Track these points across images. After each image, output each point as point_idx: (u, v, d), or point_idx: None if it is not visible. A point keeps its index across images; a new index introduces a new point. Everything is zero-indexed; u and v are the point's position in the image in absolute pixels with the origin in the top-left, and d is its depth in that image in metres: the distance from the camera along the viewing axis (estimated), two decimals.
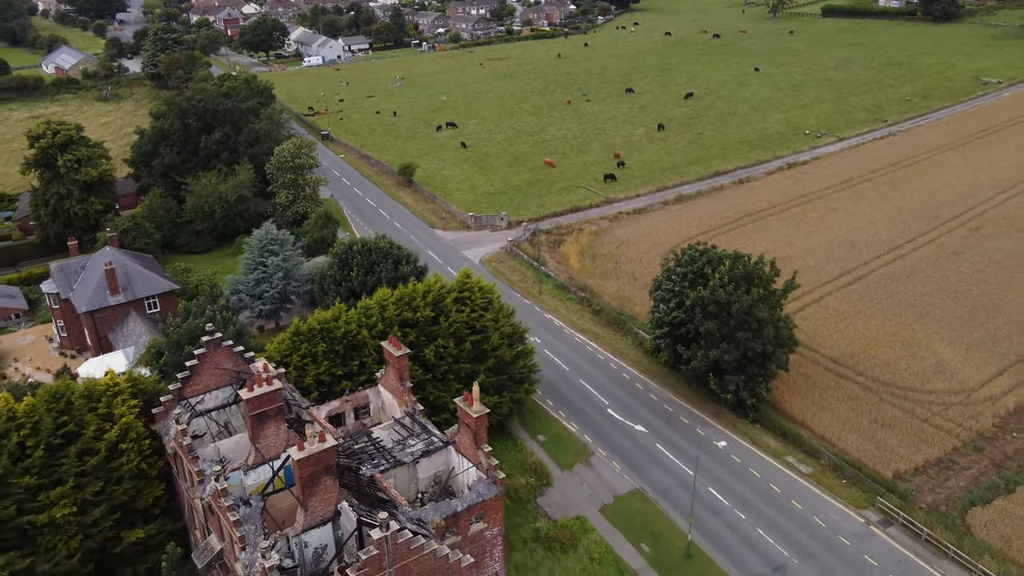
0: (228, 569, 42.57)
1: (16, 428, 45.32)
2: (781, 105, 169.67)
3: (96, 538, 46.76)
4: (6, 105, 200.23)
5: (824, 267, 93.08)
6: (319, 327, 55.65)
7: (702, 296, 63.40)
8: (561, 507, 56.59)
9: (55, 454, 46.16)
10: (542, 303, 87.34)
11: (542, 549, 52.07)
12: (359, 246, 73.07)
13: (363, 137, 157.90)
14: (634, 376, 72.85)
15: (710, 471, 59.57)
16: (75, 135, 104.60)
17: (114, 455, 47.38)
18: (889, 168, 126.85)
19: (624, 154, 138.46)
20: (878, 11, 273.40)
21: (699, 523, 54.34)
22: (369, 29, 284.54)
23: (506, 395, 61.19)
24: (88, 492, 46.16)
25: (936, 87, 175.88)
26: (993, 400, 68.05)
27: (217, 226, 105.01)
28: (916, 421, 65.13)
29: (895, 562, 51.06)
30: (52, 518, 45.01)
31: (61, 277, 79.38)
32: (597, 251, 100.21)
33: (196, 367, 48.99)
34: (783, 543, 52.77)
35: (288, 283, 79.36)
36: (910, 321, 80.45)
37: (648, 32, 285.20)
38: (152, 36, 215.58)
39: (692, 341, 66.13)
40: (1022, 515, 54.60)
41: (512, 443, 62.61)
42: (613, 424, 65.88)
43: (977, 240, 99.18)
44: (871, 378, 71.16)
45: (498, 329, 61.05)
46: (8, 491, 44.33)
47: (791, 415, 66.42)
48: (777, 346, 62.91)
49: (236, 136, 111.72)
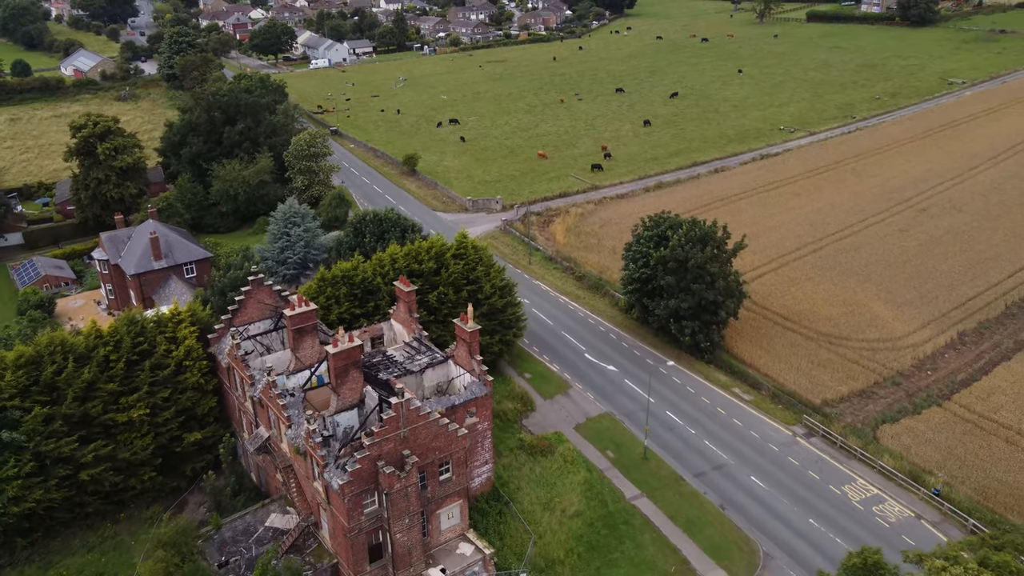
0: (273, 452, 53.91)
1: (103, 344, 56.75)
2: (760, 104, 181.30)
3: (164, 436, 58.08)
4: (30, 105, 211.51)
5: (783, 242, 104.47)
6: (341, 275, 67.07)
7: (663, 255, 74.84)
8: (542, 426, 67.84)
9: (133, 367, 57.58)
10: (531, 272, 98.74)
11: (525, 455, 63.29)
12: (371, 216, 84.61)
13: (369, 132, 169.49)
14: (609, 328, 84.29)
15: (668, 399, 70.97)
16: (112, 126, 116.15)
17: (179, 370, 58.76)
18: (852, 159, 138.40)
19: (611, 147, 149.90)
20: (860, 16, 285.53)
21: (655, 437, 65.65)
22: (373, 33, 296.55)
23: (497, 336, 72.50)
24: (159, 398, 57.50)
25: (905, 87, 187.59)
26: (914, 347, 79.45)
27: (240, 208, 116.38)
28: (846, 363, 76.53)
29: (813, 462, 62.45)
30: (130, 418, 56.36)
31: (111, 246, 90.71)
32: (582, 229, 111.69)
33: (243, 301, 60.45)
34: (723, 449, 64.13)
35: (308, 251, 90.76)
36: (853, 286, 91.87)
37: (640, 36, 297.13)
38: (168, 39, 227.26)
39: (656, 295, 77.51)
40: (922, 430, 66.03)
41: (502, 379, 73.79)
42: (589, 365, 77.25)
43: (922, 220, 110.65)
44: (812, 330, 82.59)
45: (490, 281, 72.43)
46: (96, 394, 55.71)
47: (740, 357, 77.84)
48: (727, 296, 74.32)
49: (256, 128, 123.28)
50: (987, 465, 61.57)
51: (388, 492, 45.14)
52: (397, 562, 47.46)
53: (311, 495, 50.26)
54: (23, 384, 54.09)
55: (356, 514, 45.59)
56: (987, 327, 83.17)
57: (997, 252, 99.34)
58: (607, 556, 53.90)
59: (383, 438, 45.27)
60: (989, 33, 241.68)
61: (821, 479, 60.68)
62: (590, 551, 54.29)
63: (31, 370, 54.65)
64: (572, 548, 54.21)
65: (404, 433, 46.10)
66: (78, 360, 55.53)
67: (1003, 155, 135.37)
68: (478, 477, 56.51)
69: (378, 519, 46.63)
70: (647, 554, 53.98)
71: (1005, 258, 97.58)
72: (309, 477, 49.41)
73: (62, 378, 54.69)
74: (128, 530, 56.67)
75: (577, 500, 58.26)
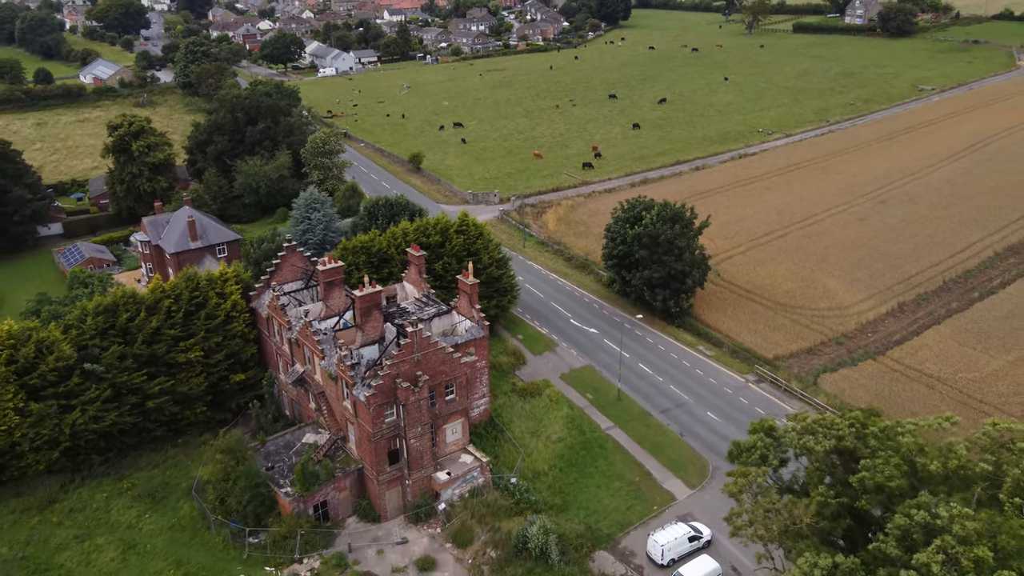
0: (308, 383, 65.23)
1: (166, 297, 68.18)
2: (742, 109, 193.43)
3: (214, 376, 69.43)
4: (54, 110, 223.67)
5: (753, 229, 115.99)
6: (360, 245, 78.59)
7: (638, 232, 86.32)
8: (532, 375, 79.07)
9: (190, 317, 68.96)
10: (525, 254, 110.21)
11: (517, 396, 74.57)
12: (383, 201, 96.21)
13: (376, 135, 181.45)
14: (592, 300, 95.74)
15: (641, 354, 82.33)
16: (145, 125, 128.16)
17: (227, 321, 70.14)
18: (823, 158, 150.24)
19: (601, 148, 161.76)
20: (843, 27, 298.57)
21: (628, 383, 76.92)
22: (378, 43, 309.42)
23: (494, 302, 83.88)
24: (211, 343, 68.87)
25: (879, 93, 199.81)
26: (859, 314, 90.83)
27: (261, 200, 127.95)
28: (799, 327, 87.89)
29: (760, 401, 73.81)
30: (187, 358, 67.73)
31: (151, 228, 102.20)
32: (572, 219, 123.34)
33: (279, 264, 71.95)
34: (685, 392, 75.46)
35: (327, 233, 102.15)
36: (811, 265, 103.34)
37: (634, 46, 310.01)
38: (184, 49, 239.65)
39: (632, 267, 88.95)
40: (856, 377, 77.35)
41: (498, 339, 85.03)
42: (574, 328, 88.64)
43: (879, 210, 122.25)
44: (772, 300, 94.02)
45: (488, 253, 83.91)
46: (160, 338, 67.05)
47: (706, 322, 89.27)
48: (693, 267, 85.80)
49: (275, 127, 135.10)
50: (907, 404, 72.70)
51: (405, 404, 56.46)
52: (411, 464, 58.72)
53: (340, 414, 61.55)
54: (102, 327, 65.52)
55: (379, 422, 56.88)
56: (925, 298, 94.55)
57: (942, 237, 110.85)
58: (583, 470, 65.13)
59: (401, 360, 56.63)
60: (963, 44, 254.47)
61: (765, 414, 71.90)
62: (569, 466, 65.54)
63: (108, 316, 66.09)
64: (554, 464, 65.50)
65: (417, 356, 57.45)
66: (147, 310, 66.96)
67: (960, 154, 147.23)
68: (477, 408, 67.81)
69: (396, 428, 57.91)
70: (616, 468, 65.23)
71: (948, 242, 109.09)
72: (339, 398, 60.72)
73: (135, 324, 66.10)
74: (184, 453, 67.88)
75: (560, 430, 69.57)
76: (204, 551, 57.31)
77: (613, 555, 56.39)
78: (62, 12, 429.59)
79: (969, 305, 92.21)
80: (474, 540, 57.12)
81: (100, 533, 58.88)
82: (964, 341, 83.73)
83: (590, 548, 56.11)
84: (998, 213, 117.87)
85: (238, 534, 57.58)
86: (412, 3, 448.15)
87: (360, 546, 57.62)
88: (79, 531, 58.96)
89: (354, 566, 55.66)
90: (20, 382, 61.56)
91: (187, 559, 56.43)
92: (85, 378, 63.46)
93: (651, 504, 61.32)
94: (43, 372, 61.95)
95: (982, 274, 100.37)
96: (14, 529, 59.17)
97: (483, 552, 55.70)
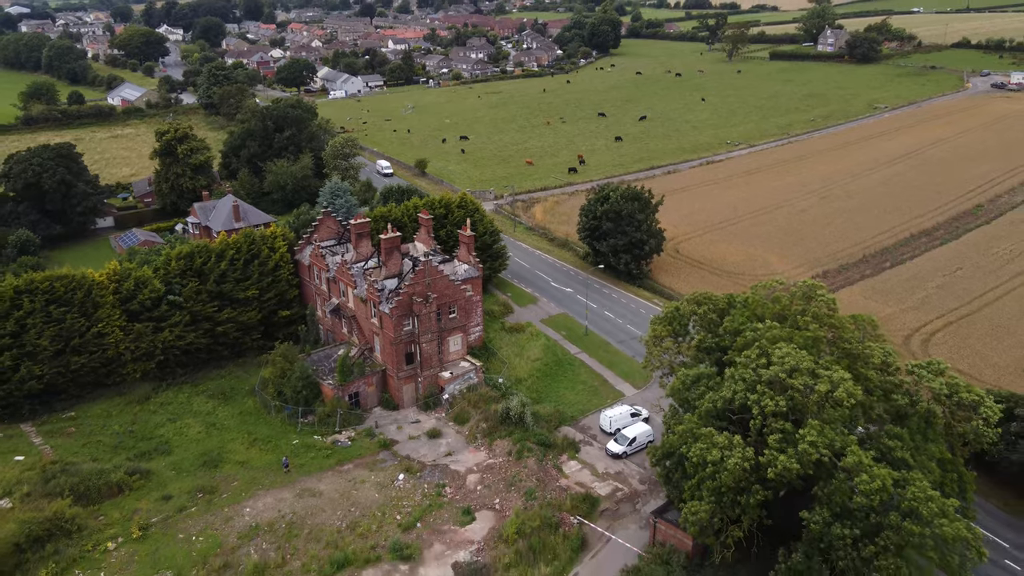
0: (342, 311, 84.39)
1: (230, 248, 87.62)
2: (715, 125, 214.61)
3: (266, 310, 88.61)
4: (88, 128, 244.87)
5: (710, 219, 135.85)
6: (380, 215, 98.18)
7: (606, 208, 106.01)
8: (517, 319, 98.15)
9: (248, 263, 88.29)
10: (516, 237, 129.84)
11: (505, 332, 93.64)
12: (396, 188, 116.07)
13: (385, 147, 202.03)
14: (570, 268, 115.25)
15: (607, 305, 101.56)
16: (188, 132, 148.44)
17: (277, 268, 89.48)
18: (779, 163, 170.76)
19: (586, 156, 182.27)
20: (815, 55, 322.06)
21: (594, 323, 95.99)
22: (384, 69, 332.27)
23: (486, 264, 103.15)
24: (264, 283, 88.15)
25: (838, 111, 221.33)
26: (789, 278, 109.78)
27: (287, 196, 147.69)
28: (737, 286, 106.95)
29: None
30: (246, 295, 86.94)
31: (201, 212, 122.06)
32: (557, 211, 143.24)
33: (318, 225, 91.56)
34: (639, 329, 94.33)
35: (348, 218, 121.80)
36: (755, 245, 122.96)
37: (622, 72, 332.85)
38: (206, 72, 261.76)
39: (601, 238, 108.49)
40: None
41: (490, 296, 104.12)
42: (554, 288, 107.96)
43: (820, 204, 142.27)
44: (719, 269, 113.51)
45: (483, 225, 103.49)
46: (227, 279, 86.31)
47: (663, 284, 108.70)
48: (650, 236, 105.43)
49: (299, 134, 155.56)
50: None
51: (419, 315, 75.59)
52: (423, 364, 77.69)
53: (368, 330, 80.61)
54: (183, 269, 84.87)
55: (399, 329, 75.96)
56: (846, 268, 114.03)
57: (869, 223, 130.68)
58: (555, 378, 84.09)
59: (415, 282, 75.91)
60: (921, 68, 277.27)
61: None
62: (544, 376, 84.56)
63: (187, 261, 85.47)
64: (532, 374, 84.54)
65: (428, 281, 76.72)
66: (216, 256, 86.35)
67: (898, 160, 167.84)
68: (473, 332, 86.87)
69: (411, 335, 76.97)
70: (581, 377, 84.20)
71: (873, 226, 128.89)
72: (367, 317, 79.85)
73: (207, 267, 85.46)
74: (243, 369, 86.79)
75: (538, 353, 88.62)
76: (267, 427, 76.12)
77: (575, 428, 75.15)
78: (82, 42, 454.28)
79: (879, 272, 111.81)
80: (470, 419, 75.90)
81: (187, 417, 77.70)
82: (869, 296, 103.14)
83: (557, 423, 74.89)
84: (918, 205, 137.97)
85: (292, 416, 76.37)
86: (415, 33, 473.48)
87: (384, 424, 76.45)
88: (171, 415, 77.79)
89: (380, 435, 74.40)
90: (123, 308, 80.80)
91: (255, 432, 75.16)
92: (170, 307, 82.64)
93: (605, 398, 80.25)
94: (141, 300, 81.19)
95: (896, 250, 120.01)
96: (122, 414, 77.99)
97: (477, 426, 74.46)
